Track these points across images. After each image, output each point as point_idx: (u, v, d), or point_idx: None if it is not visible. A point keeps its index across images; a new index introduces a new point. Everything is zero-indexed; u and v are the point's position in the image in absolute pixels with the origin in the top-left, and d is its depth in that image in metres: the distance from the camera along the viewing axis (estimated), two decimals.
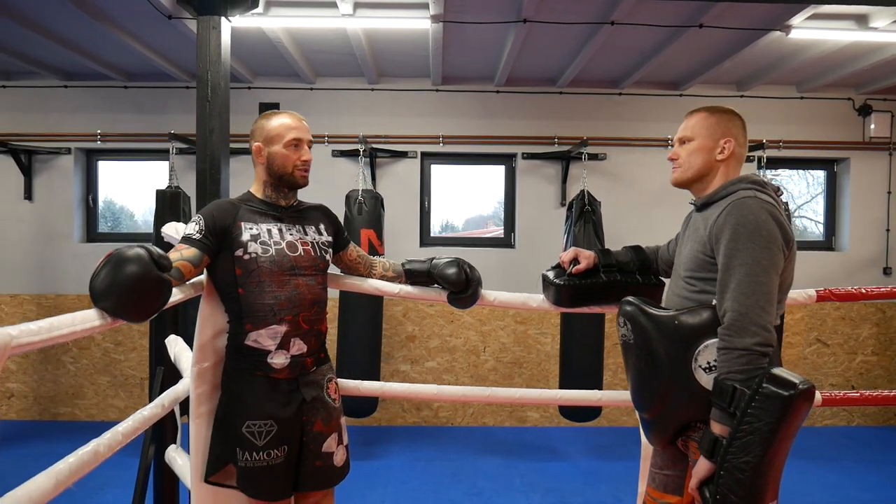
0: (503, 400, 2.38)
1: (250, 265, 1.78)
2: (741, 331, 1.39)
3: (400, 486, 3.81)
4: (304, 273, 1.86)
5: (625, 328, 1.61)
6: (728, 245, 1.46)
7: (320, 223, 1.99)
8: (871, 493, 3.76)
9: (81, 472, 1.18)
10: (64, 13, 3.55)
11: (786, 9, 3.43)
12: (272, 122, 1.90)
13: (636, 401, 1.62)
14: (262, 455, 1.77)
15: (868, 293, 2.10)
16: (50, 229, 4.95)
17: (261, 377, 1.80)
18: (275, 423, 1.78)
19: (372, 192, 4.23)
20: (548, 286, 1.98)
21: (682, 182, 1.68)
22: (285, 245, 1.84)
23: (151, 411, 1.69)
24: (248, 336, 1.80)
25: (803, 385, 1.27)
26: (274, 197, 1.91)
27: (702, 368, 1.45)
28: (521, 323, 5.00)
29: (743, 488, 1.29)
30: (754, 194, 1.51)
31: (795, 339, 5.05)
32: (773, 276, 1.43)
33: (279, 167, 1.87)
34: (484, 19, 3.61)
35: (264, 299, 1.79)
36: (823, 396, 2.07)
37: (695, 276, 1.57)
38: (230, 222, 1.80)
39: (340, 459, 1.96)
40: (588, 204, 4.26)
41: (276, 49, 4.11)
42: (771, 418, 1.27)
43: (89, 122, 4.92)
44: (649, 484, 1.69)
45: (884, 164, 5.07)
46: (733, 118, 1.67)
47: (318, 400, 1.90)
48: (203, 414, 1.86)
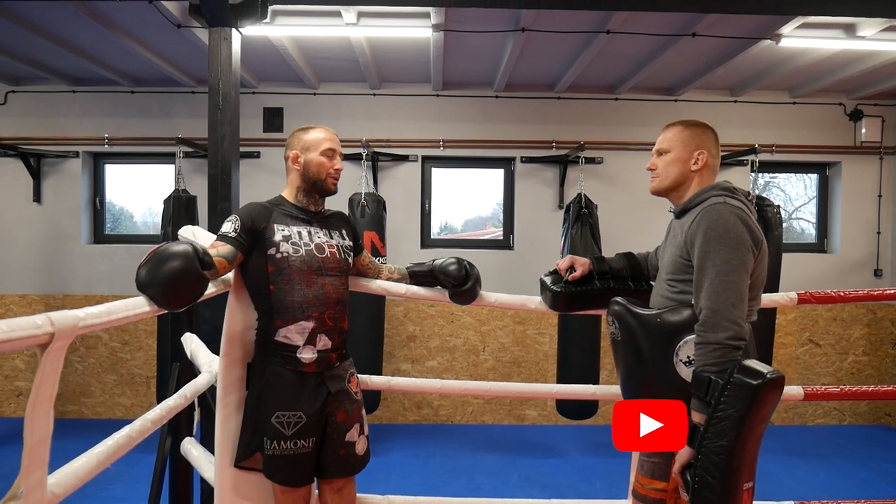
0: (500, 393, 2.50)
1: (282, 264, 1.91)
2: (714, 326, 1.51)
3: (400, 481, 3.91)
4: (330, 273, 2.00)
5: (613, 326, 1.73)
6: (701, 248, 1.58)
7: (343, 228, 2.13)
8: (860, 490, 3.86)
9: (118, 454, 1.31)
10: (74, 21, 3.67)
11: (776, 19, 3.54)
12: (310, 133, 2.06)
13: (625, 393, 1.73)
14: (290, 444, 1.89)
15: (848, 296, 2.20)
16: (58, 231, 5.06)
17: (290, 371, 1.92)
18: (303, 416, 1.91)
19: (374, 195, 4.34)
20: (545, 291, 2.10)
21: (660, 191, 1.80)
22: (314, 247, 1.98)
23: (176, 401, 1.80)
24: (279, 332, 1.92)
25: (771, 374, 1.39)
26: (305, 202, 2.05)
27: (682, 362, 1.56)
28: (520, 323, 5.11)
29: (719, 470, 1.40)
30: (724, 200, 1.63)
31: (788, 340, 5.16)
32: (742, 276, 1.55)
33: (314, 173, 2.02)
34: (483, 28, 3.73)
35: (294, 296, 1.92)
36: (807, 392, 2.17)
37: (675, 279, 1.68)
38: (264, 224, 1.93)
39: (362, 448, 2.08)
40: (585, 207, 4.36)
41: (280, 56, 4.22)
42: (742, 405, 1.39)
43: (97, 126, 5.03)
44: (638, 471, 1.79)
45: (875, 167, 5.18)
46: (707, 131, 1.79)
47: (342, 392, 2.03)
48: (230, 403, 1.97)
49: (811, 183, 5.53)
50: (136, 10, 3.47)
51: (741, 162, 5.05)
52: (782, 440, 4.68)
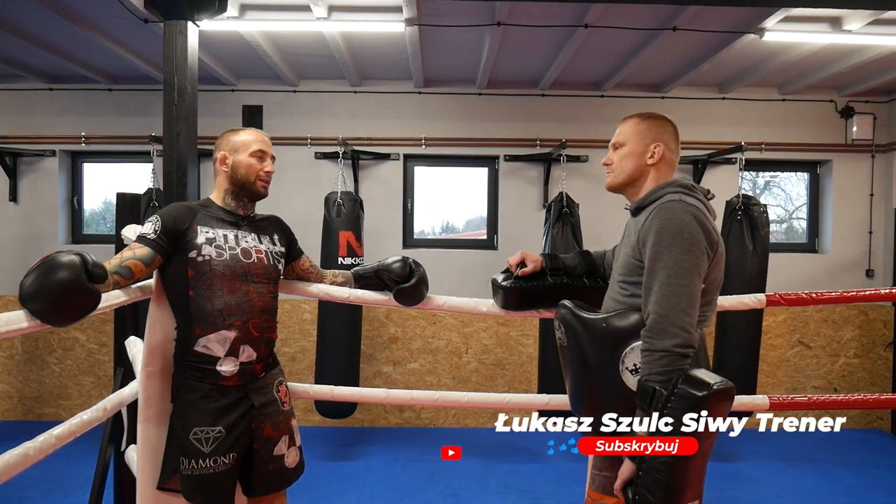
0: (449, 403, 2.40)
1: (203, 267, 1.81)
2: (662, 333, 1.40)
3: (375, 486, 3.83)
4: (256, 280, 1.90)
5: (560, 331, 1.63)
6: (652, 248, 1.47)
7: (274, 233, 2.03)
8: (847, 497, 3.76)
9: (6, 474, 1.21)
10: (40, 16, 3.58)
11: (758, 13, 3.44)
12: (239, 135, 1.97)
13: (571, 403, 1.63)
14: (209, 462, 1.78)
15: (820, 297, 2.10)
16: (35, 231, 4.98)
17: (209, 385, 1.82)
18: (223, 430, 1.80)
19: (350, 194, 4.25)
20: (496, 290, 2.00)
21: (615, 186, 1.70)
22: (240, 251, 1.88)
23: (92, 415, 1.71)
24: (198, 342, 1.81)
25: (718, 385, 1.29)
26: (233, 205, 1.95)
27: (628, 370, 1.46)
28: (504, 325, 5.01)
29: (660, 488, 1.30)
30: (680, 198, 1.52)
31: (778, 342, 5.05)
32: (694, 279, 1.44)
33: (243, 176, 1.92)
34: (458, 22, 3.63)
35: (214, 304, 1.81)
36: (772, 401, 2.07)
37: (627, 281, 1.58)
38: (187, 225, 1.83)
39: (293, 461, 1.98)
40: (566, 206, 4.27)
41: (256, 52, 4.13)
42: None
43: (74, 124, 4.96)
44: (590, 485, 1.71)
45: (866, 166, 5.07)
46: (664, 123, 1.69)
47: (268, 405, 1.93)
48: (151, 417, 1.88)
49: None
50: (101, 4, 3.39)
51: (729, 160, 4.94)
52: (770, 445, 4.57)
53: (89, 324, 4.88)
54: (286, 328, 4.94)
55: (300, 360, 4.95)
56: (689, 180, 1.63)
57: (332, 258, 4.10)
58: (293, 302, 4.89)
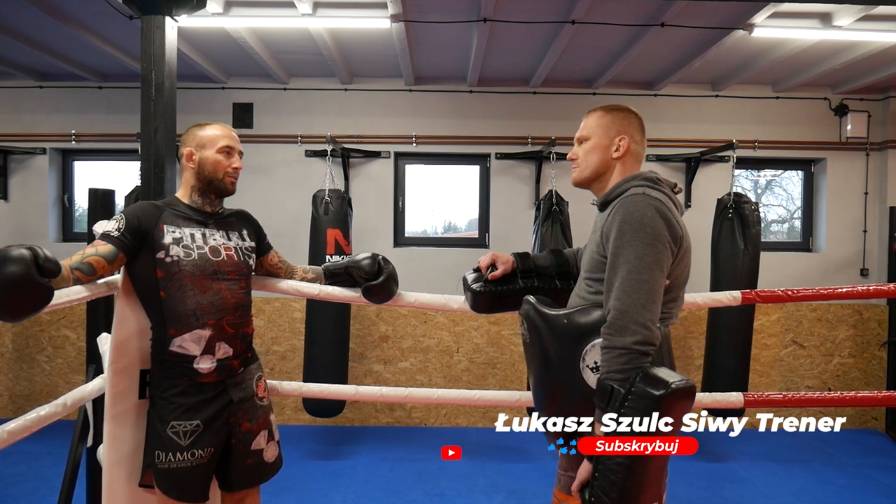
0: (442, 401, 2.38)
1: (172, 268, 1.79)
2: (621, 330, 1.36)
3: (362, 485, 3.80)
4: (227, 278, 1.88)
5: (523, 328, 1.60)
6: (614, 243, 1.44)
7: (243, 229, 2.01)
8: (837, 498, 3.72)
9: None
10: (27, 14, 3.57)
11: (747, 8, 3.40)
12: (206, 130, 1.93)
13: (535, 401, 1.60)
14: (187, 455, 1.77)
15: (796, 294, 2.07)
16: (25, 229, 4.98)
17: (187, 382, 1.81)
18: (201, 424, 1.79)
19: (339, 191, 4.23)
20: (466, 290, 1.97)
21: (581, 181, 1.66)
22: (208, 250, 1.86)
23: (50, 410, 1.69)
24: (173, 342, 1.80)
25: (677, 384, 1.25)
26: (200, 203, 1.92)
27: (589, 368, 1.43)
28: (495, 323, 4.98)
29: (616, 490, 1.27)
30: (643, 191, 1.48)
31: (771, 341, 5.01)
32: (656, 274, 1.40)
33: (210, 172, 1.89)
34: (443, 18, 3.60)
35: (186, 304, 1.79)
36: (747, 399, 2.04)
37: (592, 277, 1.55)
38: (152, 224, 1.80)
39: (271, 455, 1.97)
40: (556, 204, 4.24)
41: (244, 50, 4.11)
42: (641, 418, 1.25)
43: (64, 122, 4.95)
44: (556, 486, 1.68)
45: (860, 164, 5.02)
46: (629, 116, 1.65)
47: (246, 400, 1.91)
48: (118, 414, 1.86)
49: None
50: (85, 1, 3.38)
51: (723, 158, 4.90)
52: (762, 445, 4.53)
53: (80, 322, 4.88)
54: (276, 326, 4.92)
55: (290, 358, 4.93)
56: (654, 173, 1.59)
57: (320, 256, 4.08)
58: (283, 300, 4.88)
